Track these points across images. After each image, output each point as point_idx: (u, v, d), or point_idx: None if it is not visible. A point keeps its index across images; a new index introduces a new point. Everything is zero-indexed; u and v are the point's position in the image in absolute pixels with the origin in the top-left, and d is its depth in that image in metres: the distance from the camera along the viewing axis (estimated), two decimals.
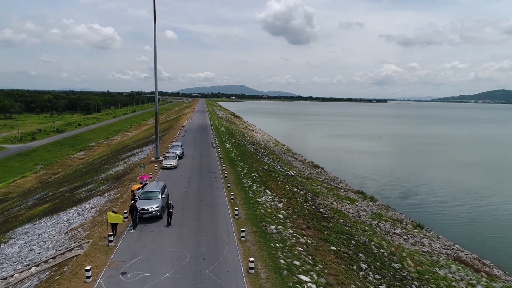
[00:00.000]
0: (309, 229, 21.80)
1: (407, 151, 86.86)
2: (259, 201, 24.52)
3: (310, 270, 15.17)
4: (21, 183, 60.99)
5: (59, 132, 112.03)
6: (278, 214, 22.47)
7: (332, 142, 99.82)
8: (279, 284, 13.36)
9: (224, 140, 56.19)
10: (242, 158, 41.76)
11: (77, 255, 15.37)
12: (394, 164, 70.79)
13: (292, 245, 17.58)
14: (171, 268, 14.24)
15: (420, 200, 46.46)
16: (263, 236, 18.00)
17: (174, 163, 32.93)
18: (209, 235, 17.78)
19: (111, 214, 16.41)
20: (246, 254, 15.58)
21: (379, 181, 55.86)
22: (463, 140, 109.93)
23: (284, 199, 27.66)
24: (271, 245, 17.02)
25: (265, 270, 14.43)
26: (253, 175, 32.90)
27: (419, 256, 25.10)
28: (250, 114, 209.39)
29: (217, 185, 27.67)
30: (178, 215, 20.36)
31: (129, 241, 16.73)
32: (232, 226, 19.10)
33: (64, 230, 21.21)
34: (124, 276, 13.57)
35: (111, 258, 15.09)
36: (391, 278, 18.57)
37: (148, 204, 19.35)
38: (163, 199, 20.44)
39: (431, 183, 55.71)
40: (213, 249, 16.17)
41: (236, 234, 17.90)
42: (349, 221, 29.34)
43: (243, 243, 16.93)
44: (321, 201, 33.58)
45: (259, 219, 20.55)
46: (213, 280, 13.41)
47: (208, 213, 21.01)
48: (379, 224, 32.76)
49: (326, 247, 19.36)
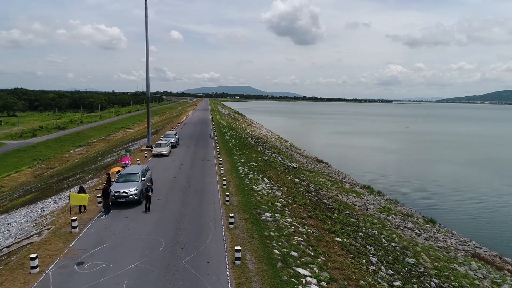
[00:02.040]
0: (311, 218, 19.13)
1: (415, 147, 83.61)
2: (255, 188, 21.90)
3: (310, 263, 12.53)
4: (15, 177, 59.14)
5: (61, 129, 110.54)
6: (276, 202, 19.83)
7: (337, 139, 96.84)
8: (271, 278, 10.75)
9: (223, 132, 53.65)
10: (241, 148, 39.17)
11: (32, 243, 12.90)
12: (401, 160, 67.73)
13: (289, 234, 14.94)
14: (140, 257, 11.70)
15: (430, 196, 43.48)
16: (256, 223, 15.39)
17: (165, 151, 30.42)
18: (193, 221, 15.21)
19: (74, 194, 13.92)
20: (234, 243, 12.99)
21: (387, 177, 52.93)
22: (472, 137, 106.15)
23: (284, 188, 25.00)
24: (265, 233, 14.39)
25: (255, 261, 11.83)
26: (251, 164, 30.30)
27: (434, 252, 22.28)
28: (254, 112, 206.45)
29: (210, 172, 25.11)
30: (160, 201, 17.84)
31: (97, 228, 14.21)
32: (221, 212, 16.52)
33: (33, 219, 18.83)
34: (80, 267, 11.04)
35: (70, 246, 12.59)
36: (406, 274, 15.84)
37: (125, 187, 16.82)
38: (143, 183, 17.89)
39: (441, 179, 52.64)
40: (194, 237, 13.60)
41: (225, 221, 15.32)
42: (356, 213, 26.59)
43: (232, 231, 14.33)
44: (325, 193, 30.86)
45: (253, 206, 17.93)
46: (189, 272, 10.84)
47: (195, 199, 18.45)
48: (388, 217, 29.92)
49: (330, 238, 16.68)
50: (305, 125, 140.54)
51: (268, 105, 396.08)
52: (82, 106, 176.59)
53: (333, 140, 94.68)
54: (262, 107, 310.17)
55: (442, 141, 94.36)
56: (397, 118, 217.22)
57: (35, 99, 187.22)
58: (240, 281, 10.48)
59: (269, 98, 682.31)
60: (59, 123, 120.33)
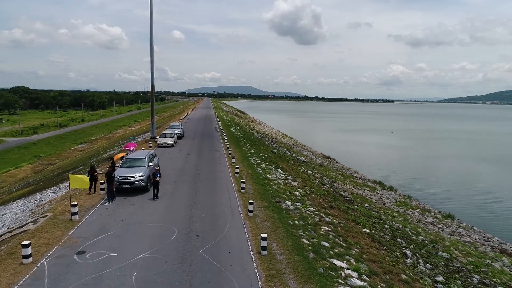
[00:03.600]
0: (333, 209, 17.50)
1: (422, 144, 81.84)
2: (270, 177, 20.28)
3: (344, 254, 10.90)
4: (15, 173, 57.75)
5: (62, 127, 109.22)
6: (294, 191, 18.20)
7: (342, 136, 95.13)
8: (305, 270, 9.13)
9: (229, 126, 52.07)
10: (248, 141, 37.57)
11: (26, 231, 11.31)
12: (409, 157, 65.96)
13: (315, 223, 13.31)
14: (150, 247, 10.09)
15: (443, 192, 41.73)
16: (277, 212, 13.76)
17: (171, 141, 28.83)
18: (207, 209, 13.60)
19: (74, 176, 12.32)
20: (256, 231, 11.38)
21: (396, 173, 51.21)
22: (479, 135, 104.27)
23: (299, 179, 23.37)
24: (289, 222, 12.77)
25: (283, 251, 10.21)
26: (261, 155, 28.69)
27: (463, 247, 20.59)
28: (256, 111, 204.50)
29: (219, 161, 23.50)
30: (169, 189, 16.24)
31: (100, 215, 12.62)
32: (237, 200, 14.91)
33: (30, 208, 17.26)
34: (81, 257, 9.44)
35: (70, 234, 10.99)
36: (444, 268, 14.20)
37: (130, 173, 15.22)
38: (150, 169, 16.28)
39: (452, 175, 50.85)
40: (211, 225, 11.99)
41: (242, 209, 13.71)
42: (375, 207, 24.93)
43: (251, 219, 12.72)
44: (340, 186, 29.21)
45: (270, 194, 16.32)
46: (208, 263, 9.23)
47: (207, 187, 16.85)
48: (407, 211, 28.28)
49: (358, 229, 15.05)
50: (309, 123, 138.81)
51: (269, 104, 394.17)
52: (84, 105, 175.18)
53: (338, 137, 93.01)
54: (263, 106, 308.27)
55: (449, 138, 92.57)
56: (400, 116, 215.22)
57: (36, 98, 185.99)
58: (270, 273, 8.86)
59: (271, 98, 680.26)
60: (60, 121, 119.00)
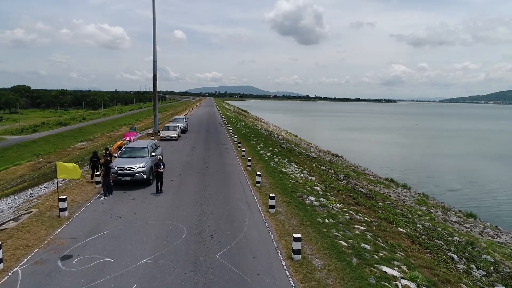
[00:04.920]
0: (359, 205, 15.48)
1: (429, 142, 79.61)
2: (285, 171, 18.27)
3: (391, 259, 8.87)
4: (13, 171, 55.93)
5: (63, 125, 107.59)
6: (314, 186, 16.18)
7: (348, 134, 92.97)
8: (353, 281, 7.11)
9: (234, 122, 50.10)
10: (256, 135, 35.58)
11: (4, 230, 9.33)
12: (418, 154, 63.72)
13: (347, 221, 11.29)
14: (153, 250, 8.08)
15: (457, 190, 39.56)
16: (301, 208, 11.75)
17: (174, 134, 26.83)
18: (220, 205, 11.60)
19: (62, 164, 10.34)
20: (282, 231, 9.36)
21: (406, 171, 48.98)
22: (488, 133, 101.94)
23: (315, 174, 21.36)
24: (317, 219, 10.74)
25: (319, 255, 8.19)
26: (271, 149, 26.68)
27: (500, 248, 18.56)
28: (258, 110, 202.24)
29: (228, 154, 21.49)
30: (174, 182, 14.24)
31: (94, 211, 10.63)
32: (253, 194, 12.90)
33: (17, 204, 15.29)
34: (66, 262, 7.45)
35: (56, 233, 9.00)
36: (497, 275, 12.16)
37: (130, 163, 13.22)
38: (153, 159, 14.27)
39: (464, 172, 48.62)
40: (226, 223, 9.98)
41: (261, 204, 11.70)
42: (397, 204, 22.89)
43: (274, 216, 10.70)
44: (356, 182, 27.17)
45: (289, 188, 14.31)
46: (228, 271, 7.22)
47: (217, 180, 14.85)
48: (428, 210, 26.22)
49: (392, 228, 13.03)
50: (312, 122, 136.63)
51: (271, 104, 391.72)
52: (85, 104, 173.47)
53: (343, 135, 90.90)
54: (265, 106, 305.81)
55: (456, 137, 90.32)
56: (404, 116, 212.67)
57: (37, 97, 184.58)
58: (309, 285, 6.84)
59: (272, 97, 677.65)
60: (61, 119, 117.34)
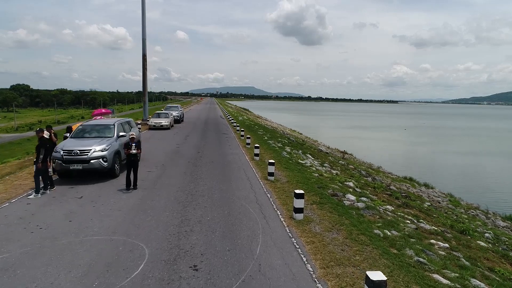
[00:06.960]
0: (409, 207, 11.33)
1: (440, 140, 75.43)
2: (303, 163, 14.13)
3: None
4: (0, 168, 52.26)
5: (60, 124, 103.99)
6: (346, 182, 12.03)
7: (355, 133, 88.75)
8: None
9: (236, 116, 46.04)
10: (260, 127, 31.49)
11: None
12: (431, 152, 59.47)
13: (417, 234, 7.12)
14: None
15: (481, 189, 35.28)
16: (342, 212, 7.56)
17: (166, 122, 22.66)
18: (215, 207, 7.45)
19: None
20: (325, 256, 5.22)
21: (422, 169, 44.77)
22: (496, 132, 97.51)
23: (337, 168, 17.22)
24: (375, 232, 6.56)
25: None
26: (280, 140, 22.57)
27: None
28: (260, 109, 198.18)
29: (229, 143, 17.38)
30: (152, 174, 10.13)
31: (6, 217, 6.53)
32: (266, 191, 8.76)
33: None
34: None
35: None
36: None
37: (83, 145, 9.06)
38: (121, 143, 10.11)
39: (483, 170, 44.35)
40: (223, 239, 5.83)
41: (279, 206, 7.55)
42: (437, 206, 18.71)
43: (304, 227, 6.52)
44: (380, 179, 23.02)
45: (314, 183, 10.15)
46: None
47: (213, 172, 10.72)
48: (468, 212, 22.04)
49: (469, 241, 8.87)
50: (316, 120, 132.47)
51: (273, 104, 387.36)
52: (84, 103, 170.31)
53: (350, 133, 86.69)
54: (267, 105, 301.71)
55: (467, 135, 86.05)
56: (408, 115, 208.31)
57: (36, 96, 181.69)
58: None
59: (274, 98, 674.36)
60: (59, 118, 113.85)
